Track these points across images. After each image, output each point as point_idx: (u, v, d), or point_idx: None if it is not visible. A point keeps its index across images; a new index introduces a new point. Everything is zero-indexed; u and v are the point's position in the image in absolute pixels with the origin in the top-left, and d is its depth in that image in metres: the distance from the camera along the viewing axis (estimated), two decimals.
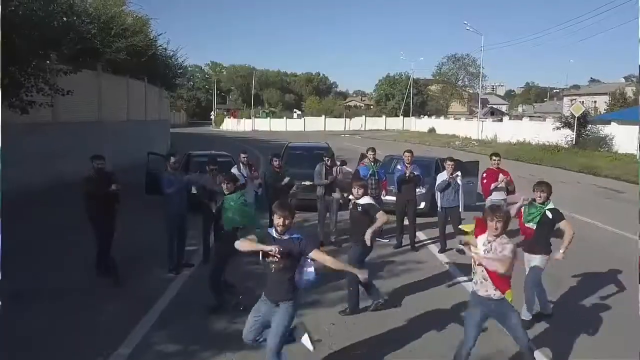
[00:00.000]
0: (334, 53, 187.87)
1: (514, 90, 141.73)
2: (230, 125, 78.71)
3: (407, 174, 9.14)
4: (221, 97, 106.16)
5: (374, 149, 9.82)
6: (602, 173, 22.56)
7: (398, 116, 73.05)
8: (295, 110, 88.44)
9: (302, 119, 74.70)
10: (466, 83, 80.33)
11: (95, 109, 18.48)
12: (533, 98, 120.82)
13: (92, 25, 17.49)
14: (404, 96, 73.46)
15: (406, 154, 9.40)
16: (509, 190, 8.82)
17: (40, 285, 7.03)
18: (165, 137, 31.71)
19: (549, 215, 6.00)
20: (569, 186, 19.16)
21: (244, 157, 8.93)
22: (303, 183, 12.40)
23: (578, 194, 17.12)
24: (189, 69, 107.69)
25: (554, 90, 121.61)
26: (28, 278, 7.16)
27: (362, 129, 69.42)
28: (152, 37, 23.54)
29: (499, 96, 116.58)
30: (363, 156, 15.00)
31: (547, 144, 31.32)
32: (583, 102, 57.05)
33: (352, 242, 6.57)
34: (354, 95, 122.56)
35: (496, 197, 8.76)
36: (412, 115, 69.58)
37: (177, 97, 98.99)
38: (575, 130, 29.12)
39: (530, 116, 69.95)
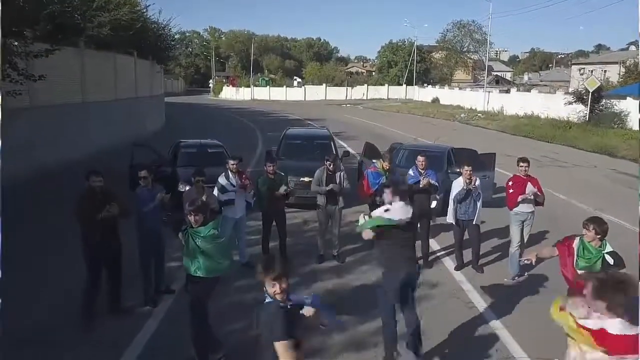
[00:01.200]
0: (335, 18, 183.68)
1: (517, 56, 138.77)
2: (228, 94, 77.17)
3: (421, 184, 7.97)
4: (220, 63, 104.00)
5: (390, 156, 8.68)
6: (618, 154, 21.37)
7: (401, 84, 71.21)
8: (295, 77, 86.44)
9: (302, 87, 72.95)
10: (471, 49, 78.14)
11: (78, 89, 17.13)
12: (538, 64, 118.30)
13: None
14: (407, 63, 71.42)
15: (420, 158, 8.20)
16: (538, 202, 7.68)
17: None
18: (159, 113, 30.34)
19: (610, 260, 4.92)
20: (586, 171, 18.00)
21: (233, 164, 7.69)
22: (302, 179, 11.32)
23: (597, 182, 15.99)
24: (187, 34, 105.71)
25: (559, 56, 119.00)
26: None
27: (364, 98, 67.72)
28: (140, 8, 21.97)
29: (503, 62, 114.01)
30: (369, 146, 13.90)
31: (558, 118, 30.09)
32: (592, 71, 55.53)
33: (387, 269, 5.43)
34: (356, 60, 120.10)
35: (523, 209, 7.64)
36: (415, 84, 67.74)
37: (175, 65, 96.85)
38: (588, 106, 27.73)
39: (536, 85, 68.41)
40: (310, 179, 10.94)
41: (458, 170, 11.64)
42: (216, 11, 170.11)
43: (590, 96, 27.51)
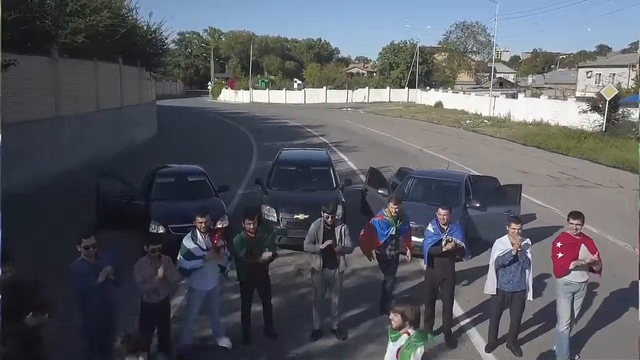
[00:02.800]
0: (336, 18, 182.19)
1: (519, 57, 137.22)
2: (227, 96, 75.80)
3: (444, 244, 6.25)
4: (220, 64, 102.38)
5: (398, 200, 7.00)
6: None
7: (403, 87, 69.59)
8: (295, 79, 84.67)
9: (302, 90, 71.32)
10: (474, 50, 76.60)
11: (51, 102, 15.40)
12: (540, 65, 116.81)
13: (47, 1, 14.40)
14: (409, 65, 69.75)
15: (441, 212, 6.37)
16: (594, 269, 5.98)
17: None
18: (149, 121, 28.61)
19: None
20: (612, 193, 16.31)
21: (201, 222, 5.85)
22: (295, 217, 9.74)
23: (628, 207, 14.27)
24: (187, 35, 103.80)
25: (561, 57, 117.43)
26: None
27: (365, 101, 66.08)
28: (125, 12, 20.32)
29: (504, 63, 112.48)
30: (373, 172, 12.21)
31: (569, 127, 28.41)
32: (600, 74, 53.81)
33: None
34: (357, 61, 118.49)
35: (575, 278, 5.95)
36: (417, 87, 66.05)
37: (174, 67, 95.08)
38: (605, 115, 26.00)
39: (541, 87, 66.68)
40: (306, 217, 9.43)
41: (477, 205, 10.07)
42: (216, 11, 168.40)
43: (607, 105, 25.79)
